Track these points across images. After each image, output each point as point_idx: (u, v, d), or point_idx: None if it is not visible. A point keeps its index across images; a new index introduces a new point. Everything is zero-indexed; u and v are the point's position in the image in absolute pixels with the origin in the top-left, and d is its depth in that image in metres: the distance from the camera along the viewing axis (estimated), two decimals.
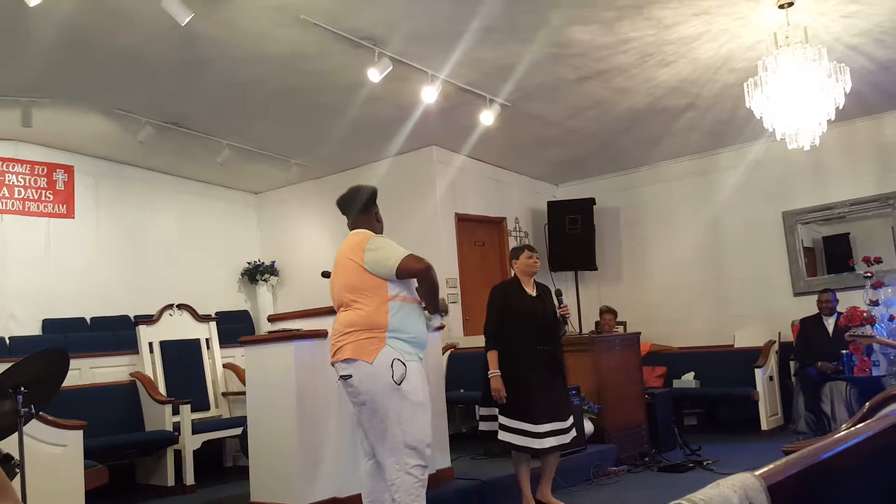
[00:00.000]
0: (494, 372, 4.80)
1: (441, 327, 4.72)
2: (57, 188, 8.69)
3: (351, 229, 4.01)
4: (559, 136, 8.54)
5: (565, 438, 4.84)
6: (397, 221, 4.00)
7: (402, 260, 3.67)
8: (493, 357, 4.85)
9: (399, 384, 3.60)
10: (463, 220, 9.12)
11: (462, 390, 7.43)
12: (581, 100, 7.50)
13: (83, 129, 8.12)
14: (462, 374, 7.59)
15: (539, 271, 5.16)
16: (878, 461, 1.79)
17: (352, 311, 3.73)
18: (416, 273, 3.71)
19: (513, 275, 5.20)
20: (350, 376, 3.68)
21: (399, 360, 3.63)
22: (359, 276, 3.73)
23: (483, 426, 5.04)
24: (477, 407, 5.92)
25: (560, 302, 5.04)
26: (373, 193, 4.04)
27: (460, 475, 5.31)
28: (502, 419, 4.78)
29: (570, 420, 4.90)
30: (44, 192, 8.57)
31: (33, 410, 3.47)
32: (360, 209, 3.99)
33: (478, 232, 9.45)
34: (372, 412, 3.67)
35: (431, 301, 3.84)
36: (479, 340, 5.71)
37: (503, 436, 4.76)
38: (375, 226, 3.99)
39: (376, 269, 3.70)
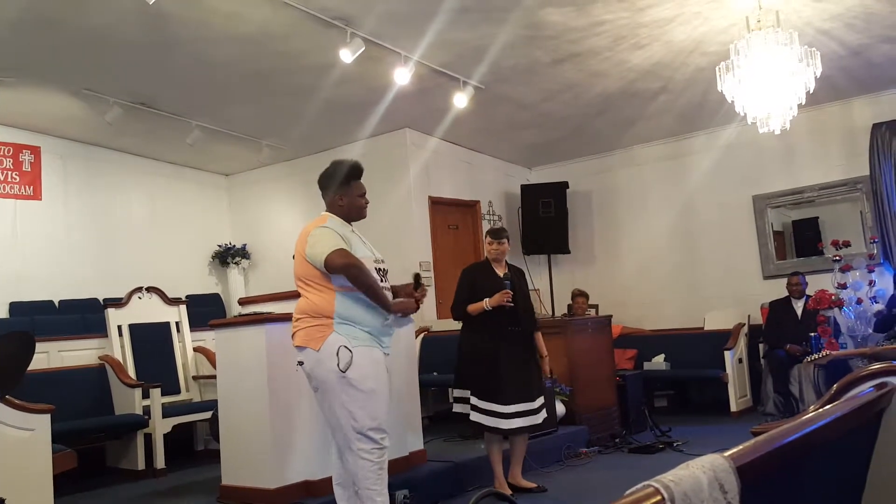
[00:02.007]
0: (480, 305, 4.83)
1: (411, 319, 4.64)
2: (23, 169, 8.52)
3: None
4: (533, 119, 8.54)
5: (535, 419, 4.87)
6: (370, 205, 3.95)
7: (327, 256, 3.57)
8: (465, 313, 4.92)
9: (344, 371, 3.54)
10: (436, 204, 9.10)
11: (435, 373, 7.45)
12: (555, 83, 7.48)
13: (50, 110, 7.96)
14: (435, 357, 7.60)
15: (502, 258, 5.09)
16: (846, 442, 1.81)
17: (302, 300, 3.73)
18: (337, 270, 3.58)
19: (485, 257, 5.23)
20: (303, 363, 3.68)
21: (345, 346, 3.56)
22: (303, 266, 3.71)
23: (456, 408, 5.05)
24: (450, 389, 5.93)
25: (505, 287, 4.89)
26: (336, 172, 3.89)
27: (433, 457, 5.32)
28: (473, 400, 4.82)
29: (539, 401, 4.92)
30: (10, 173, 8.40)
31: None
32: (329, 190, 3.90)
33: (451, 215, 9.43)
34: (322, 398, 3.67)
35: (373, 299, 3.64)
36: (452, 324, 5.70)
37: (474, 416, 4.81)
38: (335, 209, 3.87)
39: (313, 263, 3.65)
